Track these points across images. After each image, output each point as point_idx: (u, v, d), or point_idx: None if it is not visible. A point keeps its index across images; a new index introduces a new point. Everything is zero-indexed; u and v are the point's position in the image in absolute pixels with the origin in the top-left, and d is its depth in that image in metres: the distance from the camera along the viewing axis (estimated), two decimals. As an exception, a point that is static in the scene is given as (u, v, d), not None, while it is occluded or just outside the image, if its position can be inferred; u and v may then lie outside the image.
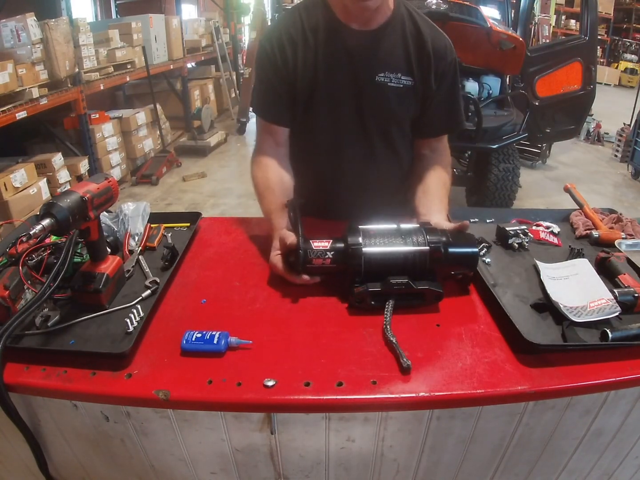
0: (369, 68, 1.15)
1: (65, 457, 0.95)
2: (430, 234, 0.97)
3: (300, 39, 1.14)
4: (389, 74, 1.14)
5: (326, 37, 1.13)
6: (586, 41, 4.00)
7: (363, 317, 0.94)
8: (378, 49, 1.14)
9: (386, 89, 1.15)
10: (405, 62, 1.15)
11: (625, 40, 12.86)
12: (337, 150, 1.24)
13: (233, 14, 8.33)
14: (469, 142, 3.56)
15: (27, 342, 0.85)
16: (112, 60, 4.75)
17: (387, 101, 1.17)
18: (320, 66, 1.14)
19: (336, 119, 1.21)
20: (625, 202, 4.65)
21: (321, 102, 1.18)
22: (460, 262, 0.99)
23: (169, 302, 0.99)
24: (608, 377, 0.79)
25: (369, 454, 0.87)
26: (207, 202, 4.53)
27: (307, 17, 1.15)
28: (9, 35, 3.55)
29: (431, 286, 0.94)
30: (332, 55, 1.14)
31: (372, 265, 0.95)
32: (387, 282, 0.93)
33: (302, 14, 1.16)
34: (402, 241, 0.96)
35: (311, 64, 1.14)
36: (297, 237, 0.98)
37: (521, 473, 0.97)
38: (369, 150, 1.25)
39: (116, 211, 1.22)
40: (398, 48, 1.15)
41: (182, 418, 0.82)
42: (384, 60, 1.15)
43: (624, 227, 1.22)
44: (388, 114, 1.21)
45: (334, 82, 1.16)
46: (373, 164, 1.27)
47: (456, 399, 0.77)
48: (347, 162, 1.26)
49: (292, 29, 1.15)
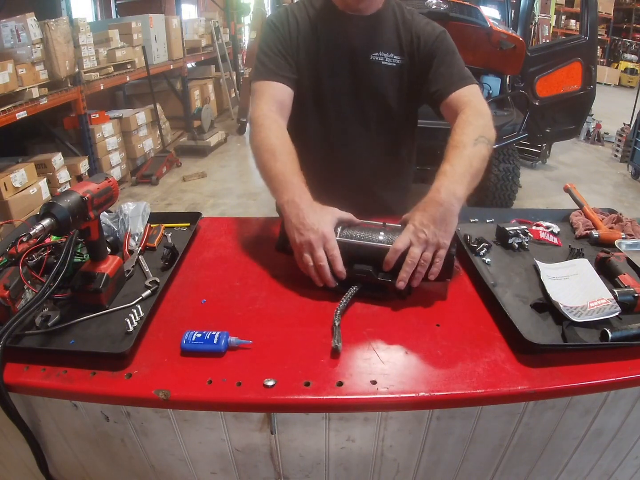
0: (365, 48, 1.26)
1: (65, 457, 0.95)
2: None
3: (303, 20, 1.26)
4: (382, 53, 1.26)
5: (326, 22, 1.26)
6: (586, 41, 4.00)
7: (363, 317, 0.94)
8: (372, 32, 1.26)
9: (380, 66, 1.26)
10: (397, 43, 1.26)
11: (625, 40, 12.86)
12: (337, 125, 1.32)
13: (233, 14, 8.34)
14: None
15: (27, 342, 0.85)
16: (112, 60, 4.75)
17: (381, 78, 1.27)
18: (321, 48, 1.26)
19: (336, 95, 1.29)
20: (625, 202, 4.65)
21: (322, 79, 1.27)
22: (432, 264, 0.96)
23: (169, 302, 0.99)
24: (608, 377, 0.79)
25: (369, 453, 0.87)
26: (207, 202, 4.53)
27: (311, 6, 1.28)
28: (9, 35, 3.55)
29: (394, 280, 0.95)
30: (332, 37, 1.26)
31: (344, 254, 0.96)
32: (352, 268, 0.96)
33: (306, 3, 1.30)
34: (378, 237, 0.98)
35: (313, 44, 1.25)
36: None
37: (521, 473, 0.97)
38: (365, 125, 1.33)
39: (116, 211, 1.22)
40: (390, 32, 1.27)
41: (182, 418, 0.82)
42: (377, 42, 1.26)
43: (624, 227, 1.22)
44: (383, 90, 1.29)
45: (333, 61, 1.27)
46: (368, 140, 1.35)
47: (456, 399, 0.76)
48: (345, 135, 1.33)
49: (296, 11, 1.28)
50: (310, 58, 1.26)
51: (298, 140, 1.17)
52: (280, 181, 1.04)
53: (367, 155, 1.36)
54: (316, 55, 1.26)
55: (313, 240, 0.94)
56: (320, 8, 1.27)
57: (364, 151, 1.36)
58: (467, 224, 1.29)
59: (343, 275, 0.96)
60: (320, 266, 0.95)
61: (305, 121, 1.31)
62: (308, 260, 0.96)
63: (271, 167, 1.07)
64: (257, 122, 1.16)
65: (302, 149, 1.15)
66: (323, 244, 0.95)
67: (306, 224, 0.96)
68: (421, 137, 1.48)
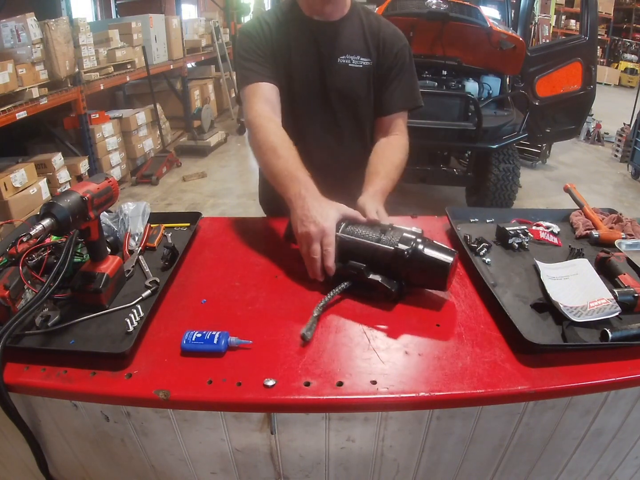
0: (332, 51, 1.32)
1: (65, 457, 0.95)
2: (405, 238, 0.95)
3: (274, 26, 1.31)
4: (349, 56, 1.32)
5: (295, 28, 1.32)
6: (586, 41, 4.01)
7: (363, 317, 0.94)
8: (339, 36, 1.32)
9: (347, 69, 1.32)
10: (364, 46, 1.33)
11: (625, 40, 12.86)
12: (308, 122, 1.37)
13: (233, 14, 8.32)
14: (469, 142, 3.56)
15: (27, 342, 0.85)
16: (112, 60, 4.75)
17: (349, 80, 1.33)
18: (292, 52, 1.30)
19: (308, 96, 1.34)
20: (625, 202, 4.65)
21: (295, 81, 1.32)
22: (426, 272, 0.95)
23: (169, 302, 0.99)
24: (608, 377, 0.79)
25: (369, 453, 0.87)
26: (207, 202, 4.53)
27: (281, 13, 1.34)
28: (9, 35, 3.55)
29: (384, 282, 0.95)
30: (302, 42, 1.31)
31: (341, 250, 0.98)
32: (346, 264, 0.98)
33: (277, 10, 1.36)
34: (379, 237, 0.98)
35: (285, 49, 1.30)
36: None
37: (521, 473, 0.97)
38: (334, 125, 1.39)
39: (116, 211, 1.22)
40: (356, 35, 1.33)
41: (182, 418, 0.82)
42: (344, 45, 1.32)
43: (624, 227, 1.22)
44: (350, 91, 1.35)
45: (304, 64, 1.32)
46: (338, 138, 1.41)
47: (456, 399, 0.76)
48: (316, 134, 1.38)
49: (267, 18, 1.33)
50: (284, 62, 1.30)
51: None
52: (285, 176, 1.08)
53: (337, 150, 1.42)
54: (288, 58, 1.31)
55: (312, 233, 0.97)
56: (289, 15, 1.33)
57: (335, 147, 1.41)
58: (467, 224, 1.29)
59: (331, 272, 0.98)
60: (313, 259, 0.97)
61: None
62: (305, 251, 0.99)
63: (274, 164, 1.11)
64: (253, 123, 1.20)
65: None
66: (321, 238, 0.97)
67: (309, 217, 0.99)
68: (421, 137, 1.49)
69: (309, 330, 0.86)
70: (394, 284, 0.96)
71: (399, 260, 0.94)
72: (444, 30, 3.54)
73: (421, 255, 0.94)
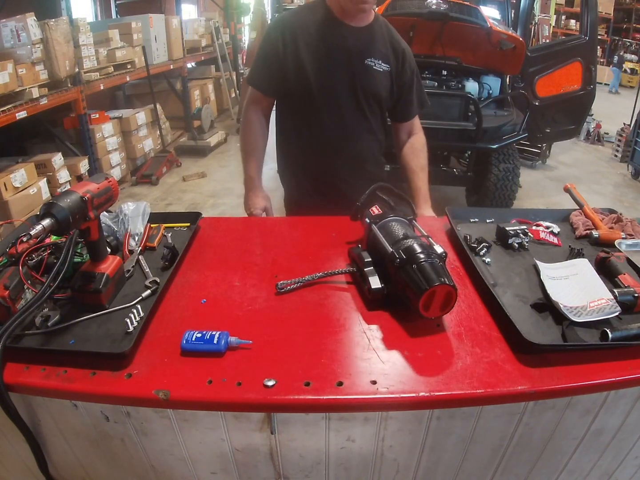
0: (360, 53, 1.47)
1: (65, 457, 0.95)
2: (410, 249, 0.93)
3: (302, 26, 1.46)
4: (374, 59, 1.49)
5: (328, 28, 1.46)
6: (586, 41, 4.00)
7: (364, 317, 0.94)
8: (366, 40, 1.49)
9: (372, 70, 1.49)
10: (385, 53, 1.51)
11: (625, 40, 12.86)
12: (337, 117, 1.52)
13: (233, 14, 8.31)
14: (469, 142, 3.56)
15: (27, 342, 0.85)
16: (112, 60, 4.75)
17: (374, 80, 1.50)
18: (322, 49, 1.45)
19: (336, 88, 1.49)
20: (625, 202, 4.65)
21: (325, 75, 1.47)
22: (407, 287, 0.90)
23: (169, 302, 0.99)
24: (608, 377, 0.79)
25: (369, 453, 0.87)
26: (207, 202, 4.53)
27: (311, 13, 1.48)
28: (9, 35, 3.55)
29: (370, 278, 0.97)
30: (333, 40, 1.46)
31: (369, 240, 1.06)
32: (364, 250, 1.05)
33: (306, 10, 1.52)
34: (396, 240, 0.98)
35: (315, 46, 1.44)
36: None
37: (521, 473, 0.97)
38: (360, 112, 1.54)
39: (116, 211, 1.22)
40: (380, 42, 1.51)
41: (182, 418, 0.82)
42: (370, 49, 1.49)
43: (624, 227, 1.22)
44: (374, 90, 1.52)
45: (334, 60, 1.46)
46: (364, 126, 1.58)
47: (456, 398, 0.77)
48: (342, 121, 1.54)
49: (294, 18, 1.49)
50: (314, 57, 1.45)
51: (304, 127, 1.53)
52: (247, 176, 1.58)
53: (359, 138, 1.59)
54: (318, 54, 1.46)
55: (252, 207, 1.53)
56: (321, 16, 1.47)
57: (357, 135, 1.58)
58: (467, 224, 1.29)
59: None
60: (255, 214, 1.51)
61: (311, 109, 1.52)
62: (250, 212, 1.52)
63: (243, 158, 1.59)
64: (242, 117, 1.62)
65: (307, 136, 1.54)
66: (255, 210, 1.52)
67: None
68: None
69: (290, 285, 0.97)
70: (380, 287, 0.94)
71: (389, 265, 0.94)
72: (444, 30, 3.54)
73: (408, 269, 0.90)
